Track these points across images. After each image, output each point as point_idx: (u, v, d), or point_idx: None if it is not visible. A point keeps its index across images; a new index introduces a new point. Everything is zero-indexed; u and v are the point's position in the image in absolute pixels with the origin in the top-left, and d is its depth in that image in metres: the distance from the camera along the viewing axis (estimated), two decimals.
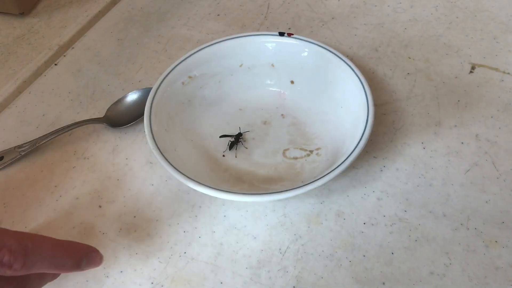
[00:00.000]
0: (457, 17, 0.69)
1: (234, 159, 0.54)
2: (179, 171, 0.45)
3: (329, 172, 0.44)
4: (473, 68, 0.62)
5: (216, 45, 0.57)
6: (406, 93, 0.59)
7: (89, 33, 0.73)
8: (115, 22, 0.74)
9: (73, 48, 0.70)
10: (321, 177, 0.44)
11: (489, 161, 0.52)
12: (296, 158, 0.54)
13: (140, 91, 0.60)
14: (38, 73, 0.66)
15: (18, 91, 0.64)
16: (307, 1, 0.74)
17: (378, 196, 0.50)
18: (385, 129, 0.56)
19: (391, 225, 0.48)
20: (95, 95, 0.63)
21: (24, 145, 0.56)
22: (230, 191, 0.44)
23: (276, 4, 0.74)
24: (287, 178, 0.52)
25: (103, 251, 0.43)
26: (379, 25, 0.69)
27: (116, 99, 0.60)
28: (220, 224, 0.49)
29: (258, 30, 0.69)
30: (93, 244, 0.46)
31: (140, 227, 0.50)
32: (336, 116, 0.55)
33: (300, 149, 0.55)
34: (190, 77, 0.56)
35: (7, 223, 0.51)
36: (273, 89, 0.60)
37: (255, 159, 0.54)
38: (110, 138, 0.58)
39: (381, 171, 0.52)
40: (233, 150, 0.55)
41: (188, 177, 0.45)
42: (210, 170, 0.53)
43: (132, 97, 0.60)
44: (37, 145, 0.56)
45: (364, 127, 0.48)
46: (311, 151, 0.54)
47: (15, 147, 0.56)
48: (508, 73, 0.60)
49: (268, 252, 0.47)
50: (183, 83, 0.56)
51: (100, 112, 0.60)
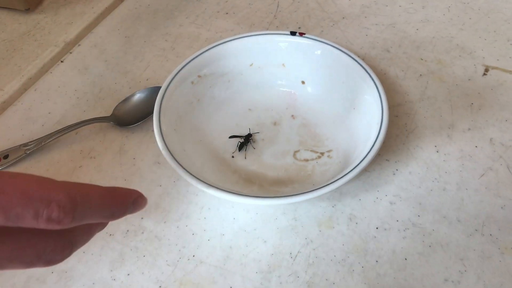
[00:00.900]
0: (470, 18, 0.68)
1: (244, 160, 0.53)
2: (189, 172, 0.44)
3: (342, 176, 0.43)
4: (487, 71, 0.60)
5: (227, 44, 0.56)
6: (419, 95, 0.58)
7: (96, 30, 0.72)
8: (122, 19, 0.73)
9: (80, 45, 0.69)
10: (334, 181, 0.43)
11: (504, 166, 0.51)
12: (307, 160, 0.53)
13: (148, 90, 0.59)
14: (44, 70, 0.65)
15: (24, 88, 0.63)
16: (317, 0, 0.73)
17: (391, 200, 0.49)
18: (398, 132, 0.55)
19: (404, 230, 0.47)
20: (102, 94, 0.62)
21: (30, 144, 0.55)
22: (240, 194, 0.43)
23: (286, 3, 0.73)
24: (298, 181, 0.51)
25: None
26: (391, 26, 0.68)
27: (123, 98, 0.59)
28: (229, 227, 0.48)
29: (267, 29, 0.68)
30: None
31: (148, 229, 0.49)
32: (348, 118, 0.54)
33: (311, 151, 0.54)
34: (200, 77, 0.55)
35: None
36: (284, 89, 0.59)
37: (265, 161, 0.53)
38: (117, 137, 0.57)
39: (394, 175, 0.51)
40: (243, 151, 0.54)
41: (198, 179, 0.44)
42: (219, 172, 0.52)
43: (140, 96, 0.59)
44: (43, 144, 0.55)
45: (379, 130, 0.47)
46: (322, 153, 0.53)
47: (21, 145, 0.55)
48: None
49: (279, 256, 0.46)
50: (193, 83, 0.55)
51: (107, 111, 0.59)
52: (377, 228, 0.47)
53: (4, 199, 0.26)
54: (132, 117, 0.57)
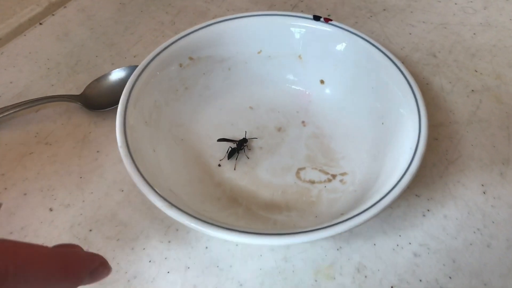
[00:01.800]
0: None
1: (232, 172, 0.42)
2: (145, 180, 0.33)
3: (357, 215, 0.31)
4: None
5: (231, 22, 0.44)
6: (468, 116, 0.45)
7: None
8: None
9: (65, 7, 0.58)
10: (344, 220, 0.31)
11: None
12: (313, 182, 0.41)
13: (131, 69, 0.48)
14: (18, 32, 0.55)
15: None
16: None
17: (416, 251, 0.37)
18: (435, 159, 0.42)
19: None
20: (78, 67, 0.51)
21: None
22: (213, 223, 0.31)
23: None
24: (297, 208, 0.39)
25: None
26: (441, 26, 0.55)
27: (101, 75, 0.48)
28: (199, 258, 0.37)
29: None
30: None
31: (95, 245, 0.38)
32: (374, 134, 0.41)
33: (320, 171, 0.42)
34: (192, 59, 0.44)
35: None
36: (296, 88, 0.47)
37: (259, 176, 0.41)
38: (84, 122, 0.46)
39: (424, 216, 0.39)
40: (233, 160, 0.42)
41: (155, 191, 0.32)
42: (199, 182, 0.41)
43: (119, 75, 0.48)
44: None
45: (412, 156, 0.35)
46: (334, 176, 0.41)
47: None
48: None
49: None
50: (181, 65, 0.43)
51: (79, 89, 0.49)
52: (392, 287, 0.35)
53: None
54: (106, 100, 0.46)
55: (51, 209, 0.40)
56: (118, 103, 0.42)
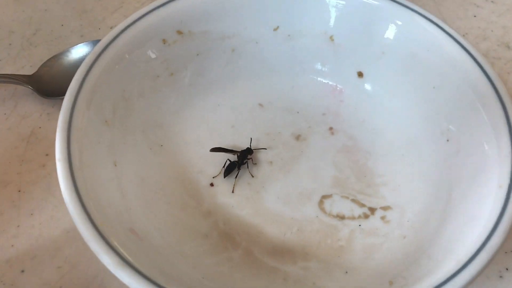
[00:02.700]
0: None
1: (229, 196, 0.30)
2: (89, 217, 0.21)
3: None
4: None
5: None
6: None
7: None
8: None
9: None
10: None
11: None
12: (343, 218, 0.29)
13: None
14: None
15: None
16: None
17: None
18: None
19: None
20: (36, 38, 0.39)
21: None
22: None
23: None
24: (318, 256, 0.27)
25: None
26: None
27: (63, 50, 0.36)
28: None
29: None
30: None
31: None
32: (434, 155, 0.29)
33: (353, 201, 0.29)
34: (181, 34, 0.31)
35: None
36: (324, 81, 0.34)
37: (267, 204, 0.30)
38: (33, 113, 0.34)
39: (501, 278, 0.27)
40: (231, 178, 0.30)
41: (103, 237, 0.20)
42: (180, 209, 0.29)
43: (85, 51, 0.36)
44: None
45: (505, 199, 0.22)
46: (372, 210, 0.29)
47: None
48: None
49: None
50: (165, 42, 0.31)
51: (33, 67, 0.36)
52: None
53: None
54: (65, 84, 0.33)
55: None
56: None
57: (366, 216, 0.29)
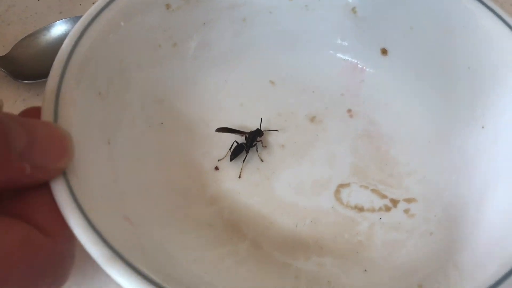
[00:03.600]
0: None
1: (236, 181, 0.27)
2: (76, 201, 0.18)
3: None
4: None
5: None
6: None
7: None
8: None
9: None
10: None
11: None
12: (361, 210, 0.26)
13: None
14: None
15: None
16: None
17: None
18: None
19: None
20: (9, 14, 0.36)
21: None
22: None
23: None
24: (334, 251, 0.25)
25: None
26: None
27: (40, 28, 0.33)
28: None
29: None
30: None
31: None
32: (467, 143, 0.26)
33: (373, 191, 0.26)
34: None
35: None
36: (344, 57, 0.31)
37: (277, 192, 0.27)
38: (8, 99, 0.31)
39: None
40: (239, 162, 0.27)
41: (90, 224, 0.17)
42: (181, 196, 0.26)
43: (65, 29, 0.33)
44: None
45: None
46: (395, 202, 0.26)
47: None
48: None
49: None
50: (169, 8, 0.27)
51: (6, 47, 0.33)
52: None
53: None
54: (43, 66, 0.31)
55: None
56: None
57: (388, 209, 0.26)
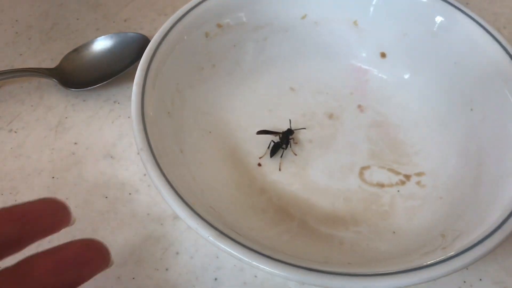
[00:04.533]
0: None
1: (277, 174, 0.32)
2: (184, 200, 0.23)
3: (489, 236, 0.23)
4: None
5: None
6: None
7: None
8: None
9: None
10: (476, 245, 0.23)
11: None
12: (382, 186, 0.32)
13: (120, 37, 0.38)
14: None
15: None
16: None
17: None
18: None
19: None
20: (54, 32, 0.40)
21: None
22: (283, 261, 0.22)
23: None
24: (366, 221, 0.30)
25: None
26: None
27: (83, 43, 0.38)
28: None
29: None
30: None
31: None
32: (460, 123, 0.33)
33: (389, 170, 0.32)
34: (220, 26, 0.33)
35: None
36: (350, 62, 0.37)
37: (313, 178, 0.32)
38: (59, 104, 0.36)
39: None
40: (277, 157, 0.33)
41: (205, 220, 0.23)
42: (236, 189, 0.31)
43: (104, 45, 0.38)
44: None
45: None
46: (408, 177, 0.32)
47: None
48: None
49: None
50: (208, 35, 0.33)
51: (54, 60, 0.38)
52: None
53: None
54: (87, 76, 0.36)
55: None
56: (104, 81, 0.35)
57: (403, 183, 0.32)
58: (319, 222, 0.30)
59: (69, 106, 0.36)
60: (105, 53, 0.37)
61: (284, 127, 0.34)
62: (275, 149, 0.33)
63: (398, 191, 0.32)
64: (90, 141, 0.34)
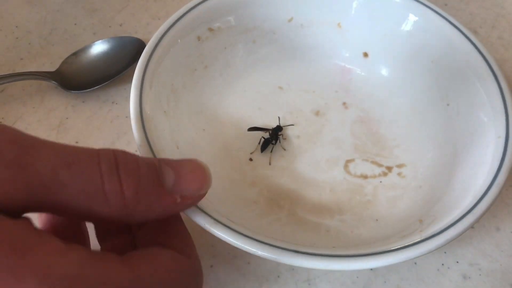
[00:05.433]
0: None
1: (268, 168, 0.34)
2: None
3: (461, 219, 0.25)
4: None
5: None
6: None
7: None
8: None
9: None
10: (450, 227, 0.25)
11: None
12: (366, 177, 0.34)
13: (116, 40, 0.40)
14: None
15: None
16: None
17: (465, 272, 0.31)
18: None
19: None
20: (53, 37, 0.42)
21: None
22: (273, 244, 0.24)
23: None
24: (350, 210, 0.33)
25: None
26: None
27: (81, 47, 0.40)
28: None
29: None
30: None
31: None
32: (436, 117, 0.35)
33: (372, 163, 0.35)
34: (211, 30, 0.35)
35: None
36: (334, 62, 0.39)
37: (301, 171, 0.34)
38: (59, 106, 0.38)
39: (473, 229, 0.33)
40: (267, 153, 0.35)
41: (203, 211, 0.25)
42: (230, 182, 0.33)
43: (102, 48, 0.40)
44: None
45: (504, 146, 0.28)
46: (389, 168, 0.34)
47: None
48: None
49: None
50: (199, 39, 0.35)
51: (53, 64, 0.40)
52: None
53: None
54: (86, 79, 0.38)
55: None
56: (102, 83, 0.37)
57: (385, 174, 0.34)
58: (307, 212, 0.32)
59: (69, 107, 0.38)
60: (102, 57, 0.39)
61: (274, 124, 0.36)
62: (265, 145, 0.35)
63: (381, 182, 0.34)
64: (91, 140, 0.36)
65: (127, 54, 0.39)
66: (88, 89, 0.38)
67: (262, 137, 0.35)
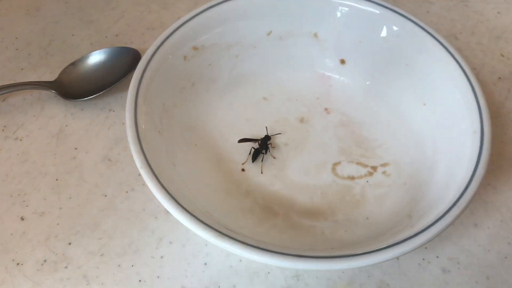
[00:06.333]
0: None
1: (260, 176, 0.36)
2: (189, 212, 0.27)
3: (447, 212, 0.27)
4: None
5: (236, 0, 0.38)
6: (495, 108, 0.41)
7: None
8: None
9: None
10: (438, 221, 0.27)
11: None
12: (353, 178, 0.36)
13: (112, 51, 0.41)
14: None
15: None
16: None
17: (444, 266, 0.33)
18: None
19: None
20: (52, 48, 0.44)
21: None
22: (271, 250, 0.26)
23: None
24: (342, 211, 0.35)
25: None
26: (462, 3, 0.50)
27: (79, 57, 0.41)
28: (197, 277, 0.32)
29: None
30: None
31: (74, 262, 0.32)
32: (414, 117, 0.37)
33: (358, 164, 0.37)
34: (196, 49, 0.37)
35: None
36: (314, 70, 0.41)
37: (291, 177, 0.36)
38: (59, 114, 0.39)
39: (452, 225, 0.35)
40: (258, 162, 0.37)
41: (208, 225, 0.26)
42: (225, 194, 0.35)
43: (99, 58, 0.41)
44: None
45: (480, 141, 0.30)
46: (374, 168, 0.37)
47: None
48: None
49: None
50: (185, 58, 0.36)
51: (53, 73, 0.41)
52: None
53: None
54: (84, 88, 0.40)
55: (23, 218, 0.34)
56: (99, 92, 0.39)
57: (371, 174, 0.36)
58: (301, 216, 0.34)
59: (69, 115, 0.39)
60: (100, 66, 0.40)
61: (262, 134, 0.38)
62: (256, 155, 0.36)
63: (367, 182, 0.36)
64: (89, 146, 0.37)
65: (123, 64, 0.40)
66: (86, 98, 0.39)
67: (252, 148, 0.37)
